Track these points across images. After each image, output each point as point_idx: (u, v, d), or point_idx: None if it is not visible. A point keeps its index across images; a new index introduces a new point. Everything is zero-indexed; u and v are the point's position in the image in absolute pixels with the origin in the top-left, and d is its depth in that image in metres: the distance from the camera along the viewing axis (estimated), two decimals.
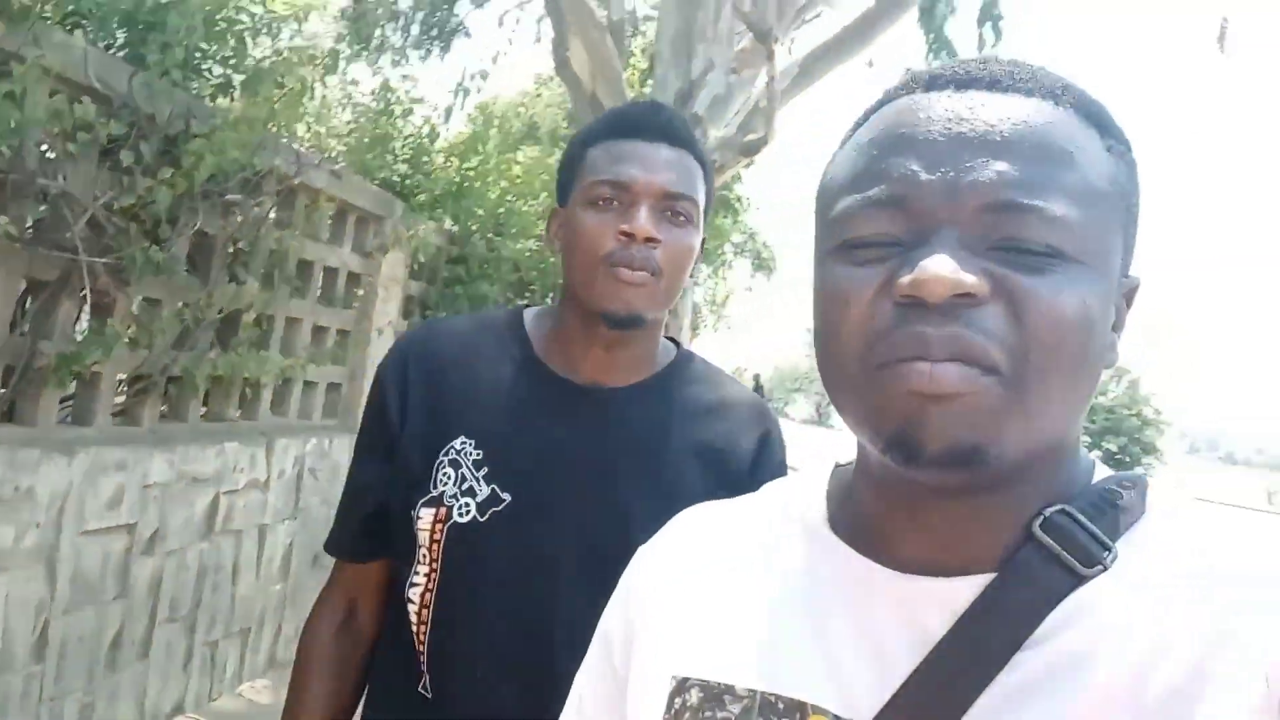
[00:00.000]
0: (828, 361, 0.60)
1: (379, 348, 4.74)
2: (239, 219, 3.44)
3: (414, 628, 1.21)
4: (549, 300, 6.06)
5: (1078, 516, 0.58)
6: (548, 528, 1.16)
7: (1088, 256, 0.56)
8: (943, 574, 0.59)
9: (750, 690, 0.62)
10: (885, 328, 0.55)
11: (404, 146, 5.72)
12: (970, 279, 0.53)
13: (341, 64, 5.35)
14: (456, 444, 1.20)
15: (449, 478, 1.19)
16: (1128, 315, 0.63)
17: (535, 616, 1.15)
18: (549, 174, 6.39)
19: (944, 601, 0.58)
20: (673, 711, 0.65)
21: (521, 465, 1.18)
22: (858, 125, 0.65)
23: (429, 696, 1.19)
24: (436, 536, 1.18)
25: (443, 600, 1.19)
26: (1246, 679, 0.51)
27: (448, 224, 5.67)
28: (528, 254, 6.04)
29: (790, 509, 0.71)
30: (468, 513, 1.17)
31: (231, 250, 3.57)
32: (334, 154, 5.01)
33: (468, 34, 11.45)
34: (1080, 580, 0.56)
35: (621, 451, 1.20)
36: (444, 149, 6.15)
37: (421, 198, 5.54)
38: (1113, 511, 0.59)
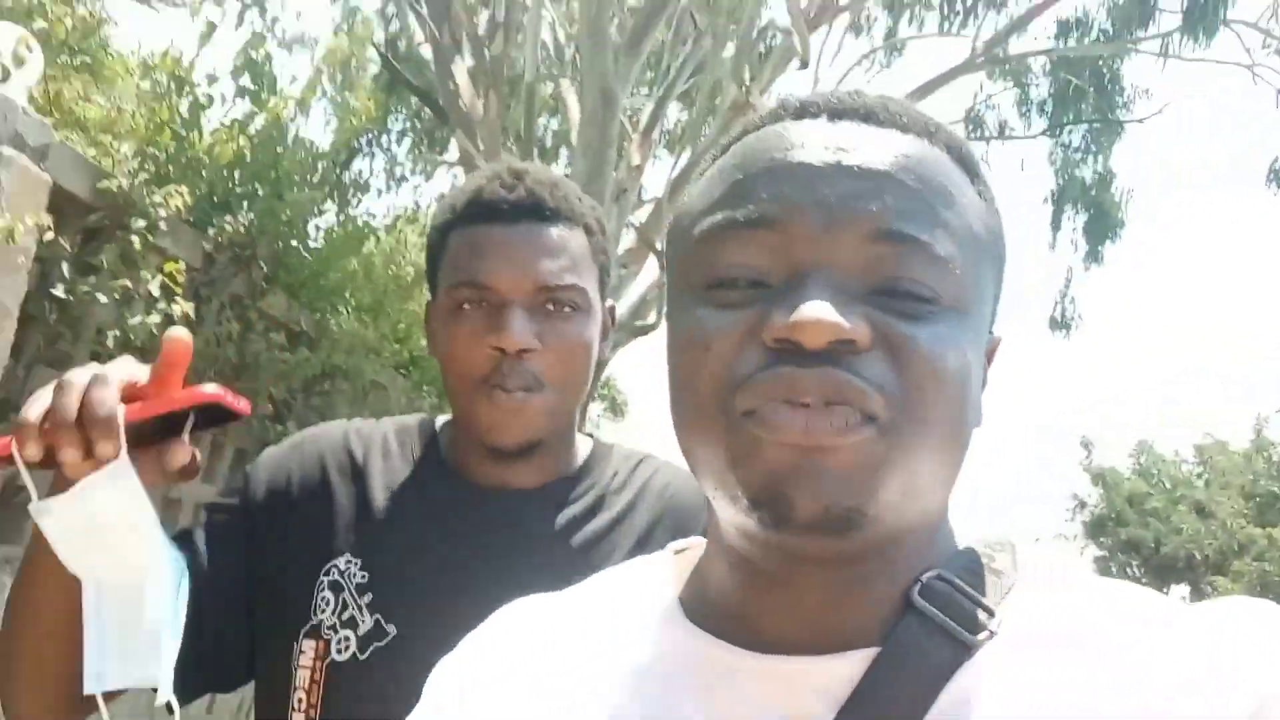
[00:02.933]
0: (683, 412, 0.54)
1: None
2: None
3: None
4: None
5: (955, 581, 0.54)
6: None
7: (966, 305, 0.52)
8: (816, 653, 0.53)
9: None
10: (751, 371, 0.50)
11: None
12: (853, 325, 0.48)
13: None
14: (339, 563, 1.03)
15: (328, 604, 1.02)
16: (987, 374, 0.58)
17: None
18: None
19: (823, 684, 0.52)
20: None
21: (411, 589, 1.01)
22: (715, 157, 0.59)
23: None
24: (316, 677, 1.01)
25: None
26: None
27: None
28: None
29: (631, 597, 0.63)
30: (347, 649, 1.00)
31: None
32: None
33: None
34: (968, 650, 0.51)
35: (529, 562, 1.02)
36: None
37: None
38: (991, 575, 0.55)
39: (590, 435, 1.19)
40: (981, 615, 0.53)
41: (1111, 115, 10.48)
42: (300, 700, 1.01)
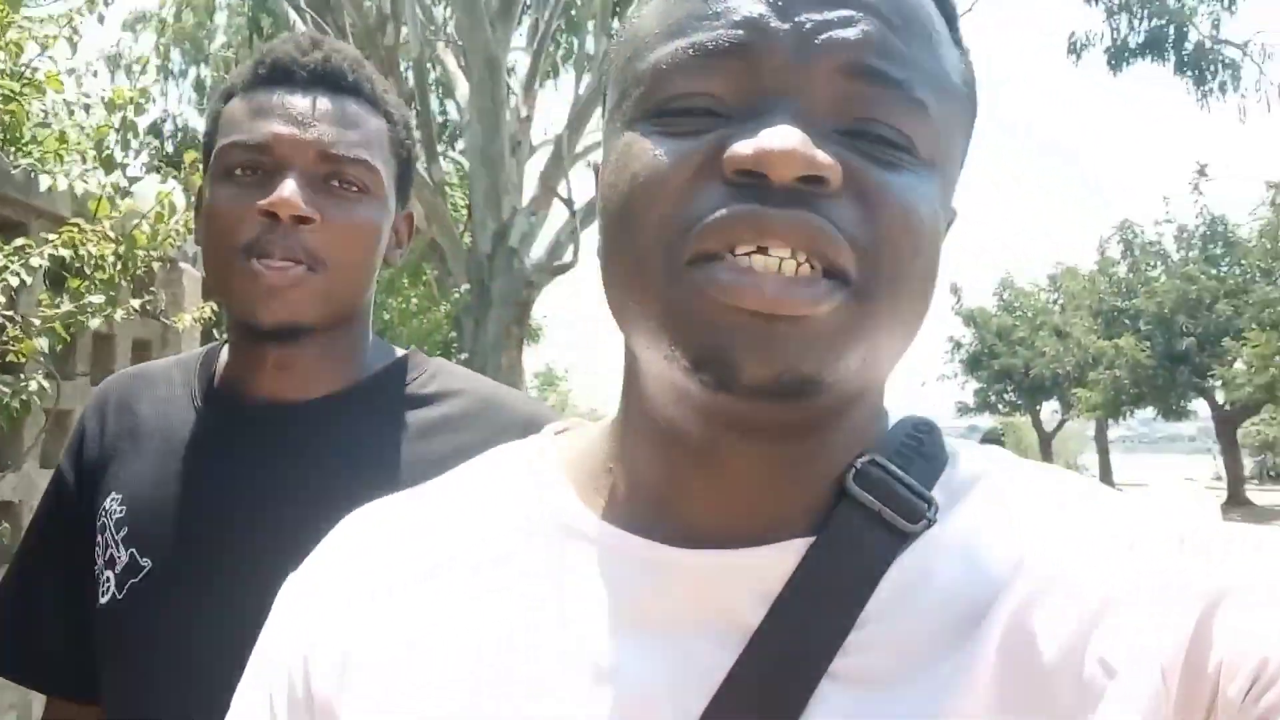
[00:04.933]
0: (619, 254, 0.47)
1: None
2: None
3: None
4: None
5: (890, 467, 0.50)
6: (198, 599, 0.89)
7: (938, 158, 0.48)
8: (745, 544, 0.48)
9: None
10: (707, 209, 0.44)
11: None
12: (826, 157, 0.43)
13: None
14: (106, 504, 0.96)
15: (99, 548, 0.95)
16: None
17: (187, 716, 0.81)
18: None
19: (754, 579, 0.48)
20: None
21: (166, 518, 0.92)
22: None
23: None
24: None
25: (109, 706, 0.95)
26: (1138, 666, 0.44)
27: None
28: None
29: (516, 490, 0.55)
30: (108, 589, 0.92)
31: None
32: None
33: None
34: (905, 540, 0.48)
35: (308, 480, 0.91)
36: None
37: None
38: (920, 460, 0.51)
39: (409, 349, 1.07)
40: (918, 504, 0.49)
41: None
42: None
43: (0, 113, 2.50)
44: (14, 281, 1.89)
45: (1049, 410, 27.46)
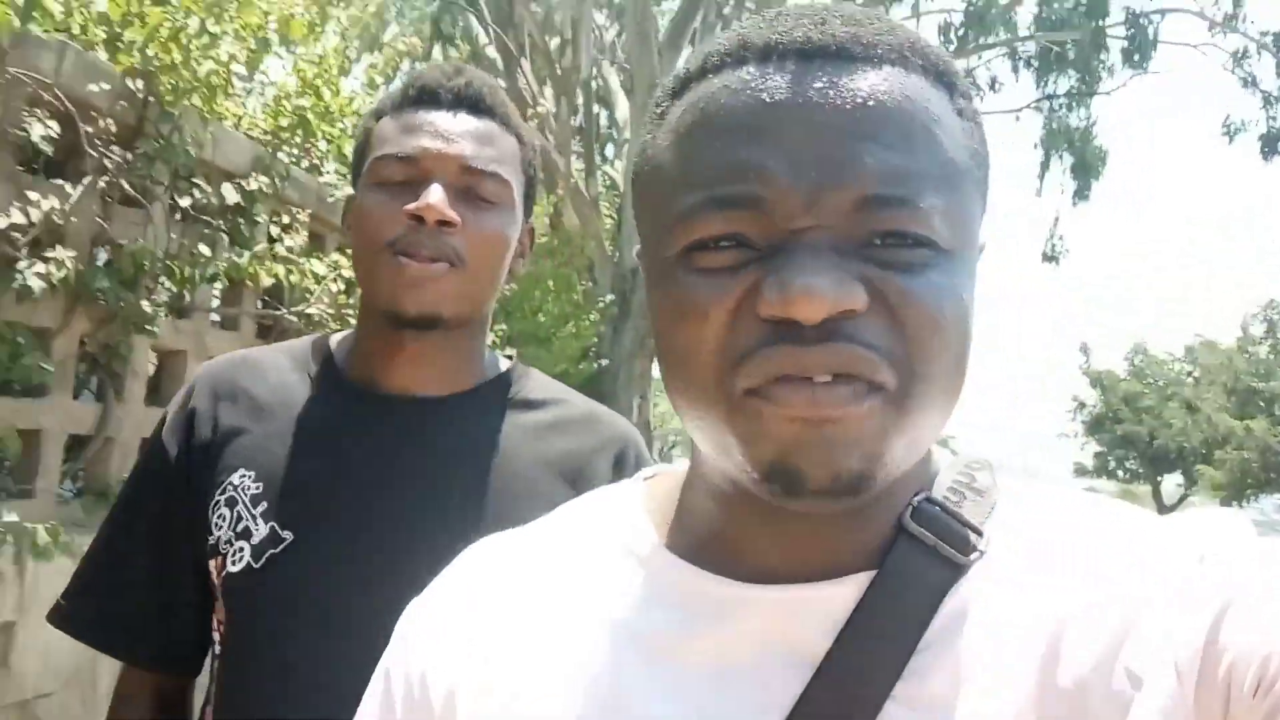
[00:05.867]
0: (683, 386, 0.52)
1: None
2: None
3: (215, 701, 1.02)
4: None
5: (944, 503, 0.55)
6: (341, 570, 0.97)
7: (956, 244, 0.51)
8: (809, 580, 0.53)
9: None
10: (751, 347, 0.48)
11: None
12: (850, 293, 0.47)
13: None
14: (234, 479, 1.02)
15: (224, 520, 1.00)
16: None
17: (327, 679, 0.89)
18: None
19: (820, 611, 0.52)
20: None
21: (306, 495, 1.00)
22: (674, 94, 0.55)
23: None
24: (219, 595, 1.01)
25: (229, 667, 1.00)
26: (1159, 673, 0.47)
27: None
28: None
29: (605, 531, 0.61)
30: (241, 559, 0.98)
31: None
32: None
33: None
34: (959, 571, 0.53)
35: (440, 468, 1.01)
36: None
37: None
38: (973, 495, 0.56)
39: (509, 356, 1.15)
40: (971, 536, 0.54)
41: (1087, 83, 12.29)
42: (218, 624, 1.01)
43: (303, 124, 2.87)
44: (333, 289, 2.38)
45: (1171, 483, 26.59)
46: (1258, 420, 19.57)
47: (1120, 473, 26.81)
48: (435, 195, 0.97)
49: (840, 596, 0.52)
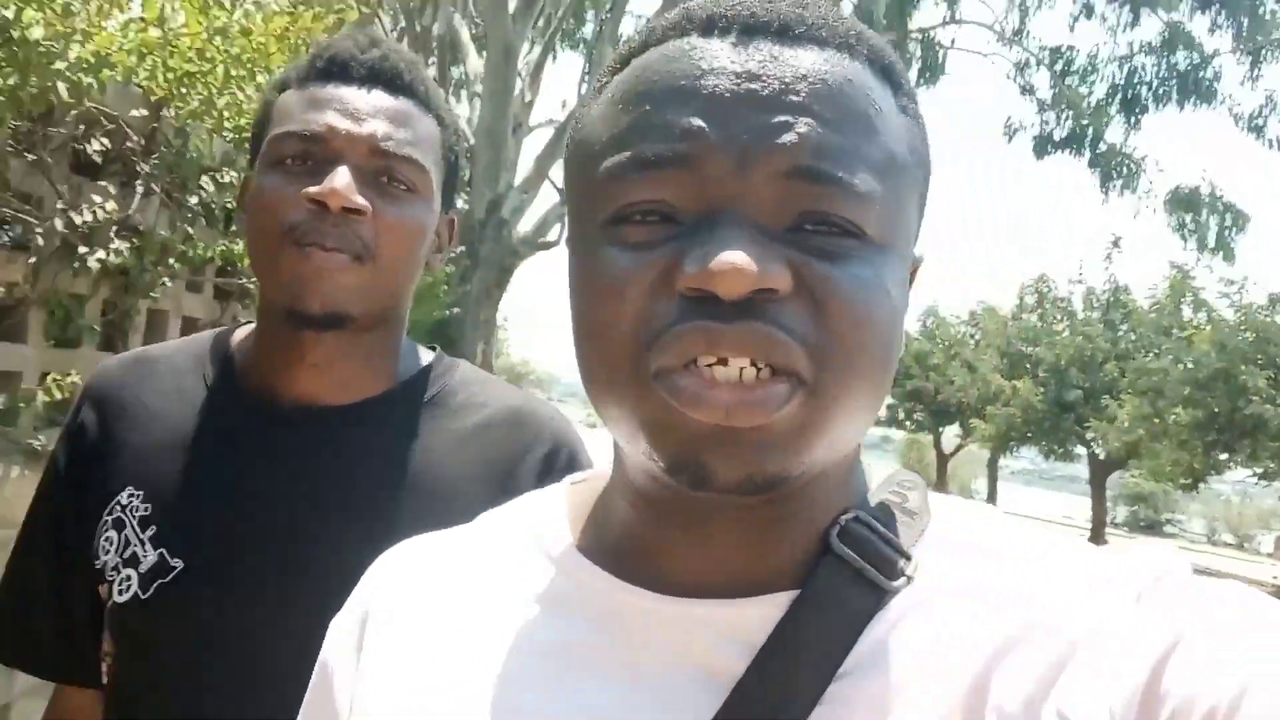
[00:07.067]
0: (593, 363, 0.51)
1: None
2: None
3: None
4: None
5: (873, 524, 0.53)
6: (234, 600, 0.90)
7: (888, 238, 0.50)
8: (728, 596, 0.52)
9: None
10: (666, 324, 0.47)
11: None
12: (774, 272, 0.45)
13: None
14: (122, 498, 0.95)
15: (111, 544, 0.93)
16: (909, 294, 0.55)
17: (221, 717, 0.87)
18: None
19: (737, 631, 0.51)
20: None
21: (198, 519, 0.93)
22: (615, 70, 0.54)
23: None
24: (107, 625, 0.94)
25: (117, 705, 0.95)
26: (1093, 717, 0.46)
27: None
28: None
29: (524, 536, 0.61)
30: (128, 588, 0.91)
31: None
32: None
33: None
34: (885, 596, 0.51)
35: (348, 486, 0.93)
36: None
37: None
38: (904, 516, 0.55)
39: (433, 348, 1.07)
40: (900, 561, 0.52)
41: None
42: (107, 655, 0.95)
43: None
44: None
45: (950, 434, 29.38)
46: (1024, 381, 22.00)
47: (908, 424, 29.35)
48: (341, 179, 0.89)
49: (759, 617, 0.51)
